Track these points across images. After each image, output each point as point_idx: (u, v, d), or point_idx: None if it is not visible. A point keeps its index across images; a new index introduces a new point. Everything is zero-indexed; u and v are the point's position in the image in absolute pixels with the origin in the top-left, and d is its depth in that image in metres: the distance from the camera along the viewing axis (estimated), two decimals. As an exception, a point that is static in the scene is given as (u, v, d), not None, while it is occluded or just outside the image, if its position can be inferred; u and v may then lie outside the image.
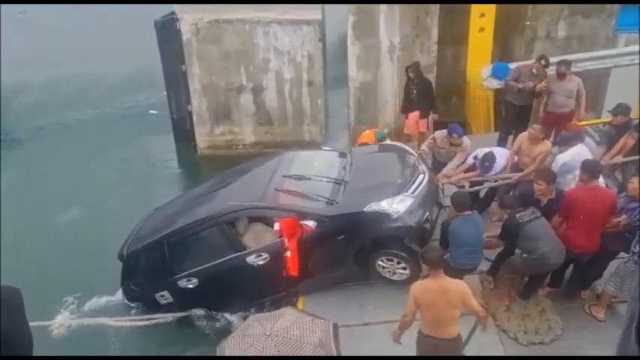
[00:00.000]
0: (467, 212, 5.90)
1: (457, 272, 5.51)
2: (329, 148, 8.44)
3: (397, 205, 6.52)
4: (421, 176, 7.03)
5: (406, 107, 9.68)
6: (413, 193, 6.74)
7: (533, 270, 6.20)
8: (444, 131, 7.89)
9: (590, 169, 5.90)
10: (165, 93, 11.85)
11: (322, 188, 7.06)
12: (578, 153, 6.84)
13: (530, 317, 6.24)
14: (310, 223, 6.54)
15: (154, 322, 7.54)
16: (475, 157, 7.62)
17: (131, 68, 14.47)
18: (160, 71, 11.51)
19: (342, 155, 7.77)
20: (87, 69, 15.09)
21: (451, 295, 4.58)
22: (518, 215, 5.91)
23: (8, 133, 12.97)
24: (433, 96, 9.48)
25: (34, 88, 14.84)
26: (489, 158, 7.51)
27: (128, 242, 7.74)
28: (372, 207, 6.50)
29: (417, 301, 4.68)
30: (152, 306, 7.58)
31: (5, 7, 16.46)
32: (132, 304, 7.83)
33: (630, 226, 5.71)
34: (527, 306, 6.36)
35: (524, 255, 5.96)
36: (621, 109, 7.37)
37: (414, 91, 9.37)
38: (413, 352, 5.08)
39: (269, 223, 7.02)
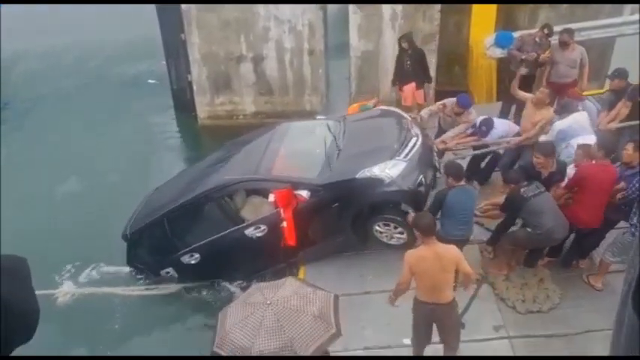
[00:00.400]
0: (462, 182, 5.92)
1: (446, 243, 5.52)
2: (322, 117, 8.41)
3: (390, 170, 6.51)
4: (414, 139, 6.97)
5: (399, 79, 9.52)
6: (406, 157, 6.70)
7: (537, 244, 6.25)
8: (454, 99, 7.83)
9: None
10: (164, 62, 11.74)
11: (316, 157, 7.07)
12: (576, 121, 6.82)
13: (528, 286, 6.31)
14: (304, 193, 6.57)
15: (159, 292, 7.65)
16: (474, 126, 7.60)
17: (130, 37, 14.29)
18: (159, 40, 11.38)
19: (336, 123, 7.73)
20: (86, 38, 14.89)
21: (445, 261, 4.63)
22: (522, 190, 5.91)
23: (8, 102, 12.90)
24: (427, 66, 9.34)
25: (32, 58, 14.71)
26: (487, 123, 7.48)
27: (130, 222, 7.85)
28: (365, 173, 6.49)
29: (412, 269, 4.75)
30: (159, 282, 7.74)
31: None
32: (138, 276, 7.95)
33: (627, 198, 5.73)
34: (526, 275, 6.43)
35: (529, 229, 5.97)
36: (618, 73, 7.33)
37: (408, 62, 9.23)
38: (409, 320, 5.16)
39: (266, 195, 7.06)
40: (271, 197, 6.71)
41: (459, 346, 5.12)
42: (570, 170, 6.51)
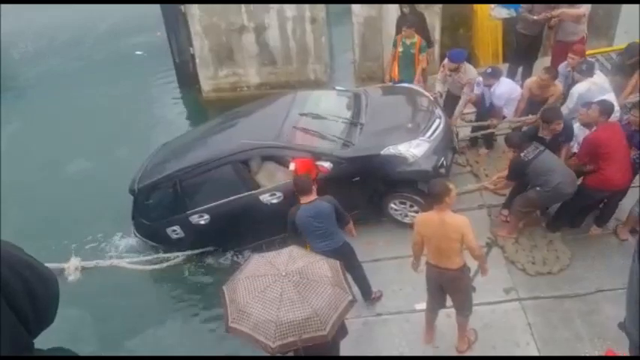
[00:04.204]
0: (310, 198, 5.34)
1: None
2: (342, 88, 8.31)
3: (414, 150, 6.54)
4: (437, 121, 7.00)
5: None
6: (430, 137, 6.74)
7: (549, 202, 6.27)
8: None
9: (608, 112, 5.88)
10: (159, 34, 11.58)
11: (338, 129, 7.03)
12: (594, 82, 6.70)
13: (537, 248, 6.33)
14: (326, 165, 6.55)
15: (165, 264, 7.75)
16: (478, 84, 7.51)
17: (126, 11, 14.15)
18: (153, 12, 11.24)
19: (357, 96, 7.67)
20: (84, 14, 14.76)
21: (449, 228, 4.64)
22: (523, 154, 5.91)
23: (8, 81, 12.86)
24: (428, 30, 9.18)
25: (28, 37, 14.59)
26: (494, 69, 7.43)
27: (139, 177, 7.76)
28: (390, 150, 6.51)
29: (420, 231, 4.82)
30: (163, 241, 7.74)
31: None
32: (145, 241, 8.00)
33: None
34: (535, 238, 6.45)
35: (538, 189, 5.97)
36: (633, 52, 7.13)
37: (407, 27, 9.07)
38: (420, 286, 5.21)
39: (281, 163, 7.04)
40: (291, 166, 6.63)
41: (471, 310, 5.16)
42: (578, 130, 6.46)
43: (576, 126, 6.45)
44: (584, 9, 8.03)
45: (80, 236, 8.23)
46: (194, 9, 10.63)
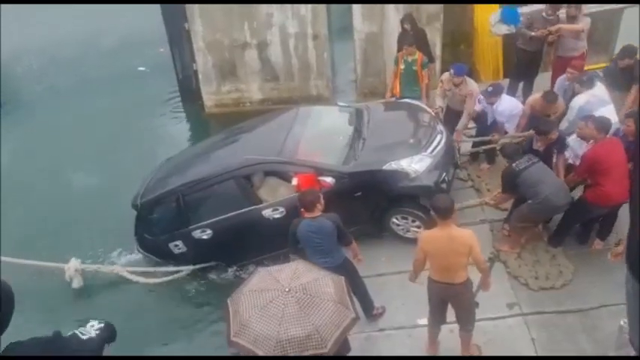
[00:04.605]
0: (314, 214, 5.33)
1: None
2: (345, 104, 8.37)
3: (416, 165, 6.59)
4: (439, 136, 7.07)
5: None
6: (431, 152, 6.80)
7: (540, 214, 6.28)
8: (447, 73, 7.83)
9: (605, 129, 5.90)
10: (162, 50, 11.66)
11: (340, 144, 7.08)
12: (594, 95, 6.76)
13: (540, 263, 6.33)
14: (329, 179, 6.58)
15: (167, 278, 7.72)
16: (480, 101, 7.58)
17: (133, 28, 14.28)
18: (156, 29, 11.32)
19: (359, 111, 7.74)
20: (86, 30, 14.89)
21: (458, 242, 4.65)
22: (514, 165, 5.96)
23: (11, 98, 12.91)
24: (429, 46, 9.27)
25: (31, 54, 14.68)
26: (496, 85, 7.50)
27: (141, 192, 7.78)
28: (392, 165, 6.56)
29: (425, 248, 4.80)
30: (165, 256, 7.74)
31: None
32: (147, 256, 7.98)
33: None
34: (538, 252, 6.45)
35: (530, 201, 6.01)
36: (628, 52, 7.23)
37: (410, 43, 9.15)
38: (423, 301, 5.20)
39: (283, 178, 7.07)
40: (294, 181, 6.68)
41: (474, 325, 5.15)
42: (574, 142, 6.49)
43: (572, 138, 6.48)
44: (583, 24, 8.11)
45: (81, 251, 8.21)
46: (197, 25, 10.74)
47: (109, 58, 14.17)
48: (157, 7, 11.10)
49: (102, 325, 2.80)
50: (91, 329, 2.74)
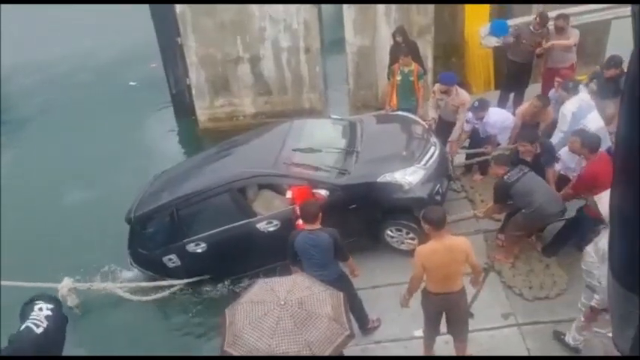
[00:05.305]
0: (314, 226, 5.34)
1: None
2: (338, 117, 8.41)
3: (410, 177, 6.62)
4: (432, 148, 7.12)
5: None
6: (425, 164, 6.83)
7: (534, 223, 6.32)
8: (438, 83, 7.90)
9: (590, 146, 5.93)
10: (154, 65, 11.68)
11: (334, 157, 7.13)
12: (582, 99, 6.84)
13: (534, 273, 6.35)
14: (323, 192, 6.59)
15: (160, 294, 7.67)
16: (469, 120, 7.63)
17: (126, 43, 14.34)
18: (149, 44, 11.37)
19: (353, 124, 7.78)
20: (80, 46, 14.95)
21: (456, 252, 4.69)
22: (506, 177, 6.01)
23: (7, 113, 12.91)
24: (421, 57, 9.37)
25: (28, 71, 14.72)
26: (482, 101, 7.55)
27: (135, 206, 7.75)
28: (386, 178, 6.59)
29: (424, 264, 4.75)
30: (159, 270, 7.70)
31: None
32: (141, 270, 7.92)
33: None
34: (532, 262, 6.47)
35: (524, 210, 6.05)
36: (613, 62, 7.32)
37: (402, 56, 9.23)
38: (418, 312, 5.19)
39: (277, 190, 7.08)
40: (288, 194, 6.69)
41: (467, 336, 5.15)
42: (565, 155, 6.54)
43: (564, 150, 6.53)
44: (573, 39, 8.23)
45: (75, 269, 8.13)
46: (190, 40, 10.80)
47: (104, 73, 14.23)
48: (150, 22, 11.15)
49: (51, 305, 2.69)
50: (42, 317, 2.63)
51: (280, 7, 10.48)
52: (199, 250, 7.28)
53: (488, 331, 5.74)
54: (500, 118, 7.52)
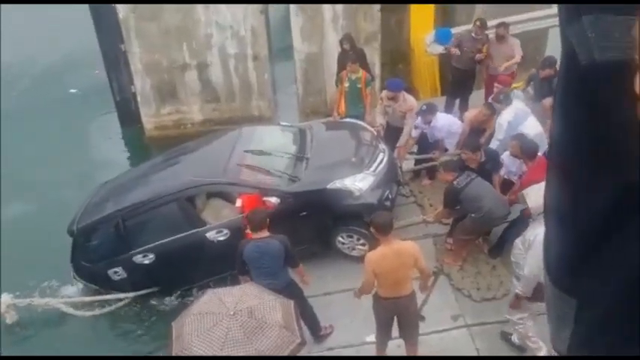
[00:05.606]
0: (262, 234, 5.32)
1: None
2: (287, 124, 8.39)
3: (359, 183, 6.65)
4: (381, 154, 7.18)
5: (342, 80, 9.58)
6: (374, 171, 6.88)
7: (482, 227, 6.48)
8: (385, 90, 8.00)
9: (528, 152, 6.12)
10: (97, 72, 11.36)
11: (284, 164, 7.09)
12: (517, 107, 7.07)
13: (482, 275, 6.49)
14: (273, 200, 6.54)
15: (106, 309, 7.42)
16: (416, 126, 7.76)
17: (67, 49, 13.88)
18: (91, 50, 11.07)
19: (302, 131, 7.77)
20: (21, 53, 14.36)
21: (405, 257, 4.73)
22: (455, 182, 6.14)
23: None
24: (368, 64, 9.47)
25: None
26: (430, 106, 7.69)
27: (78, 217, 7.51)
28: (336, 184, 6.61)
29: (375, 270, 4.78)
30: (104, 283, 7.47)
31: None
32: (84, 284, 7.68)
33: None
34: (479, 264, 6.62)
35: (473, 215, 6.18)
36: (548, 63, 7.61)
37: (350, 63, 9.30)
38: (370, 318, 5.21)
39: (227, 199, 6.98)
40: (238, 202, 6.60)
41: (418, 339, 5.20)
42: (507, 159, 6.75)
43: (506, 154, 6.74)
44: (518, 55, 8.48)
45: (15, 284, 7.77)
46: (134, 47, 10.54)
47: (43, 81, 13.71)
48: (92, 28, 10.83)
49: None
50: None
51: (227, 13, 10.37)
52: (147, 262, 7.09)
53: (438, 334, 5.82)
54: (447, 123, 7.69)
